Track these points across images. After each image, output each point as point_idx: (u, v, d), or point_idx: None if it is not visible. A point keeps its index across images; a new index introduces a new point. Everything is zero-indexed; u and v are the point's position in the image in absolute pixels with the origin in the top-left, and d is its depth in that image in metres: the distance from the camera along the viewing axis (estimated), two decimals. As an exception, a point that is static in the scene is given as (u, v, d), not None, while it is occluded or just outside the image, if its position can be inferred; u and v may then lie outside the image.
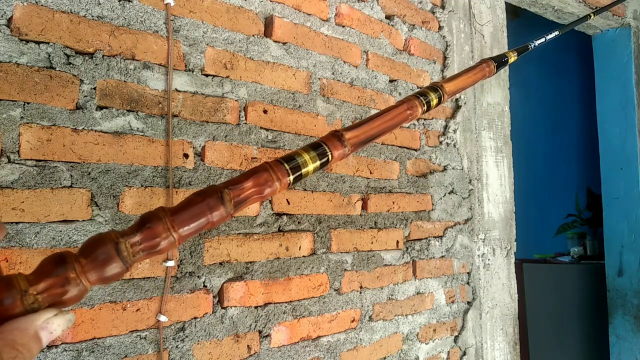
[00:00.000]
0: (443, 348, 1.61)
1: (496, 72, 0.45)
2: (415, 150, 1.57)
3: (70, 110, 0.90)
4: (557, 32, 0.52)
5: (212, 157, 1.08)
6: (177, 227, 0.29)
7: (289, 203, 1.21)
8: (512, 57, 0.47)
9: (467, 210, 1.72)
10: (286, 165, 0.35)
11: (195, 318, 1.03)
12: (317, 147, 0.37)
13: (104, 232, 0.28)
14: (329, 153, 0.37)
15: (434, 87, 0.44)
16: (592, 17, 0.65)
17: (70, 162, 0.90)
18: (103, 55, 0.94)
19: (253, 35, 1.18)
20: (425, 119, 1.61)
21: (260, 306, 1.14)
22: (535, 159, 3.58)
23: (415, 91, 0.41)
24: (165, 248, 0.29)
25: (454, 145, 1.70)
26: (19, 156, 0.84)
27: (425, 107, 0.40)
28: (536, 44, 0.51)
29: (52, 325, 0.25)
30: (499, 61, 0.45)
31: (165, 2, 1.03)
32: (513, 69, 2.00)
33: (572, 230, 3.35)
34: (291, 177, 0.35)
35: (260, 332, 1.14)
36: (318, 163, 0.36)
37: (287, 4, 1.25)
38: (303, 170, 0.35)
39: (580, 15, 2.31)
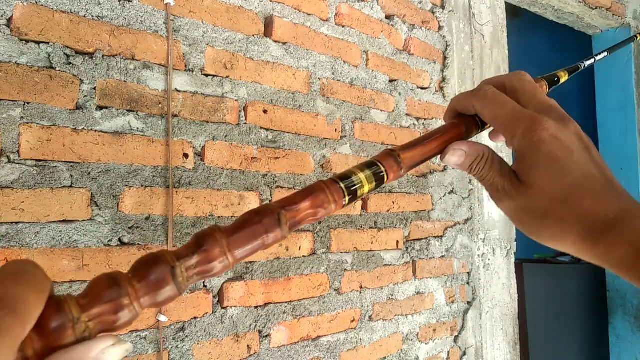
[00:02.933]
0: (443, 348, 1.61)
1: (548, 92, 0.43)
2: (415, 150, 1.57)
3: (70, 110, 0.90)
4: (605, 54, 0.51)
5: (212, 157, 1.08)
6: (232, 249, 0.28)
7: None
8: (564, 77, 0.44)
9: (467, 210, 1.72)
10: (342, 184, 0.33)
11: (195, 318, 1.03)
12: (373, 166, 0.35)
13: (158, 253, 0.26)
14: (385, 174, 0.35)
15: None
16: (638, 38, 0.63)
17: (70, 162, 0.90)
18: (103, 55, 0.94)
19: (253, 35, 1.18)
20: (425, 119, 1.61)
21: (260, 306, 1.14)
22: (535, 159, 3.57)
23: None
24: (218, 272, 0.28)
25: (454, 145, 1.69)
26: (19, 156, 0.84)
27: (480, 128, 0.39)
28: (586, 64, 0.48)
29: (108, 357, 0.23)
30: (551, 81, 0.43)
31: (165, 2, 1.03)
32: (513, 69, 2.00)
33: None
34: (347, 199, 0.33)
35: (260, 332, 1.14)
36: (374, 184, 0.34)
37: (287, 4, 1.25)
38: (359, 192, 0.34)
39: (580, 15, 2.32)
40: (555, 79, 0.43)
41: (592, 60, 0.51)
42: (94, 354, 0.23)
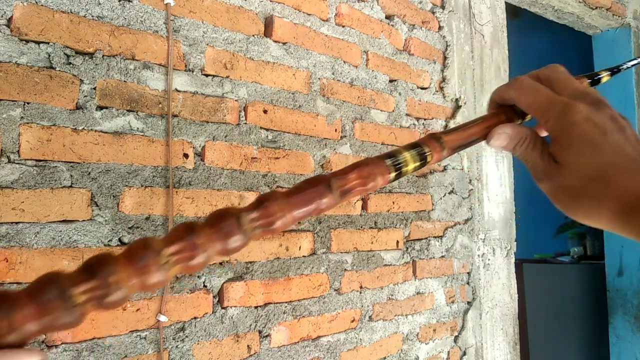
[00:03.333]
0: (443, 348, 1.61)
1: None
2: (415, 150, 1.57)
3: (70, 110, 0.90)
4: None
5: (212, 157, 1.08)
6: (291, 209, 0.31)
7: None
8: (605, 77, 0.46)
9: (467, 210, 1.72)
10: (388, 161, 0.35)
11: (195, 318, 1.03)
12: (417, 147, 0.37)
13: (226, 207, 0.30)
14: (429, 154, 0.37)
15: None
16: None
17: (70, 162, 0.90)
18: (103, 55, 0.94)
19: (253, 35, 1.18)
20: (425, 119, 1.61)
21: (260, 306, 1.14)
22: (535, 159, 3.57)
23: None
24: (279, 227, 0.31)
25: (454, 145, 1.69)
26: (19, 156, 0.84)
27: (520, 118, 0.41)
28: (629, 65, 0.49)
29: None
30: (592, 79, 0.45)
31: (165, 2, 1.03)
32: (513, 69, 2.00)
33: (572, 230, 3.35)
34: (392, 175, 0.35)
35: (260, 332, 1.14)
36: (418, 163, 0.36)
37: (287, 4, 1.25)
38: (403, 169, 0.36)
39: (580, 15, 2.32)
40: (596, 77, 0.45)
41: (635, 61, 0.51)
42: None
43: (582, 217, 0.34)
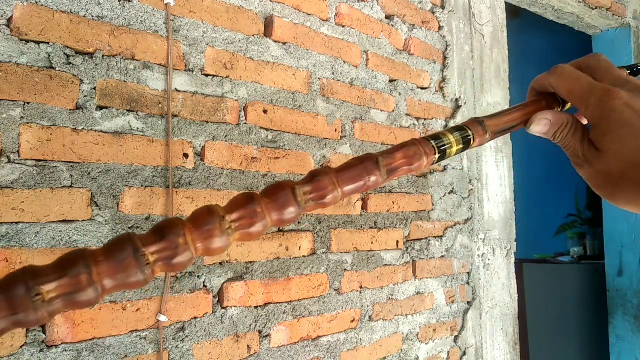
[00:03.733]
0: (443, 348, 1.61)
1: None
2: (415, 150, 1.57)
3: (70, 110, 0.90)
4: None
5: (212, 157, 1.08)
6: (341, 184, 0.32)
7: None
8: None
9: (467, 210, 1.72)
10: (433, 142, 0.36)
11: (195, 318, 1.03)
12: (461, 130, 0.38)
13: (282, 181, 0.31)
14: (472, 137, 0.38)
15: None
16: None
17: (70, 162, 0.90)
18: (103, 55, 0.94)
19: (253, 35, 1.18)
20: (425, 119, 1.61)
21: (260, 306, 1.14)
22: (535, 159, 3.58)
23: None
24: (330, 201, 0.32)
25: (454, 145, 1.69)
26: (19, 156, 0.84)
27: (561, 105, 0.41)
28: None
29: None
30: (631, 70, 0.45)
31: (165, 2, 1.03)
32: (513, 69, 2.00)
33: (572, 230, 3.35)
34: (437, 156, 0.36)
35: (260, 332, 1.14)
36: (462, 145, 0.37)
37: (287, 4, 1.25)
38: (448, 150, 0.36)
39: (580, 15, 2.32)
40: (635, 69, 0.45)
41: None
42: None
43: (623, 202, 0.34)
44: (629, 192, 0.33)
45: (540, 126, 0.39)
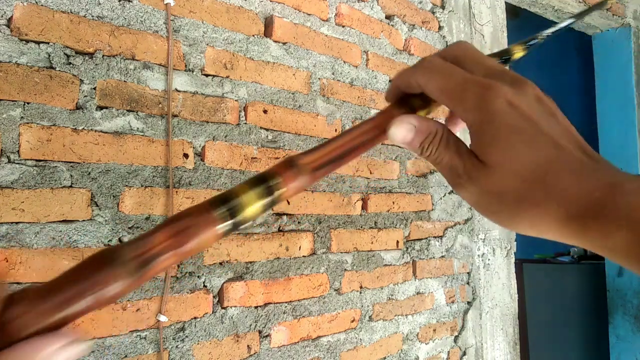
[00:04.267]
0: (443, 348, 1.61)
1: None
2: (415, 150, 1.57)
3: (70, 110, 0.90)
4: (570, 21, 0.38)
5: (212, 157, 1.08)
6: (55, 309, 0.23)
7: (288, 203, 1.21)
8: (519, 53, 0.36)
9: (467, 210, 1.72)
10: (217, 211, 0.26)
11: (195, 318, 1.03)
12: (262, 182, 0.28)
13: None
14: (277, 187, 0.28)
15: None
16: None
17: (70, 162, 0.90)
18: (103, 55, 0.94)
19: (253, 35, 1.18)
20: (425, 119, 1.61)
21: (260, 306, 1.14)
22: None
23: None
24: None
25: (454, 145, 1.69)
26: (19, 156, 0.84)
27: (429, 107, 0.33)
28: (546, 34, 0.38)
29: (61, 356, 0.21)
30: (502, 57, 0.36)
31: (165, 2, 1.03)
32: (512, 69, 2.00)
33: (572, 230, 3.34)
34: (225, 226, 0.26)
35: (260, 332, 1.14)
36: (263, 201, 0.27)
37: (287, 4, 1.25)
38: (240, 216, 0.27)
39: (580, 15, 2.31)
40: (506, 56, 0.36)
41: (553, 29, 0.40)
42: (47, 350, 0.21)
43: (527, 228, 0.27)
44: (533, 216, 0.26)
45: (402, 132, 0.30)
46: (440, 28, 1.70)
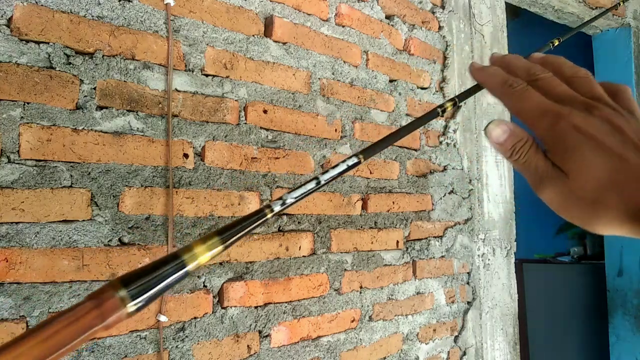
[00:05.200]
0: (443, 348, 1.61)
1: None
2: (415, 150, 1.57)
3: (70, 110, 0.90)
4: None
5: (212, 157, 1.08)
6: None
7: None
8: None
9: (467, 210, 1.72)
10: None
11: (195, 318, 1.03)
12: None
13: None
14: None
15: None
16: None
17: (70, 162, 0.90)
18: (103, 55, 0.94)
19: (253, 35, 1.18)
20: (425, 119, 1.61)
21: (260, 306, 1.14)
22: (535, 159, 3.57)
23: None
24: None
25: (454, 145, 1.70)
26: (19, 156, 0.84)
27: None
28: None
29: None
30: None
31: (165, 2, 1.03)
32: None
33: (573, 230, 3.35)
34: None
35: (260, 332, 1.14)
36: None
37: (287, 4, 1.25)
38: None
39: (580, 15, 2.32)
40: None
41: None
42: None
43: (602, 228, 0.32)
44: (608, 218, 0.31)
45: (497, 132, 0.35)
46: (440, 28, 1.70)
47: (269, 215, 0.32)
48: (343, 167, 0.35)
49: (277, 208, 0.32)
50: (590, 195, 0.31)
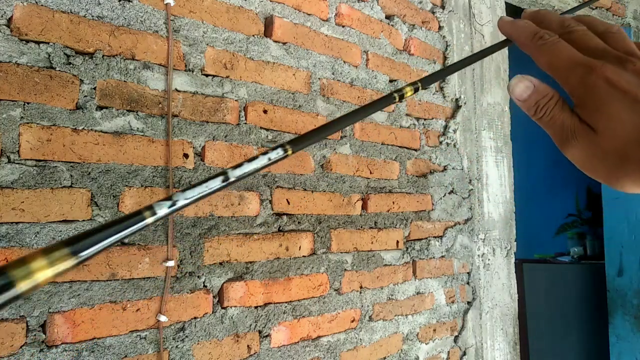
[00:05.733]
0: (443, 348, 1.61)
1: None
2: (415, 150, 1.57)
3: (70, 110, 0.90)
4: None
5: (212, 157, 1.08)
6: None
7: (289, 203, 1.21)
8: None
9: (467, 210, 1.72)
10: None
11: (195, 318, 1.03)
12: None
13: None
14: None
15: None
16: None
17: (70, 162, 0.90)
18: (103, 55, 0.94)
19: (253, 35, 1.18)
20: (425, 119, 1.61)
21: (260, 306, 1.14)
22: (535, 159, 3.58)
23: None
24: None
25: (454, 145, 1.70)
26: (19, 156, 0.84)
27: None
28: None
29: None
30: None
31: (165, 2, 1.03)
32: (513, 69, 2.00)
33: (572, 230, 3.35)
34: None
35: (260, 332, 1.14)
36: None
37: (287, 4, 1.25)
38: None
39: (580, 15, 2.31)
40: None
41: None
42: None
43: (629, 185, 0.31)
44: (637, 175, 0.30)
45: (520, 88, 0.34)
46: (440, 28, 1.70)
47: (150, 220, 0.24)
48: (263, 160, 0.29)
49: (162, 211, 0.25)
50: (619, 151, 0.30)
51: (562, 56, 0.33)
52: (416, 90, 0.36)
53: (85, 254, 0.22)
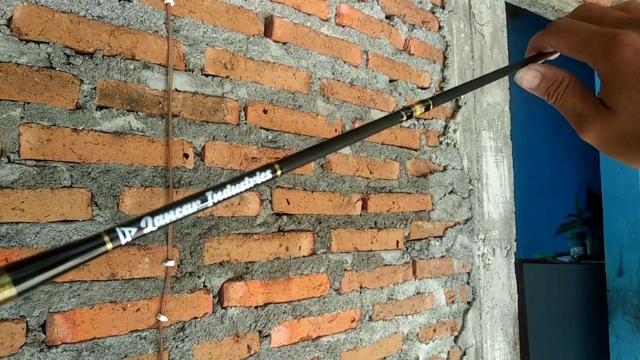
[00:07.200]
0: (443, 348, 1.61)
1: None
2: (415, 150, 1.57)
3: (70, 110, 0.90)
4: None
5: (212, 157, 1.08)
6: None
7: (289, 203, 1.21)
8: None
9: (467, 210, 1.72)
10: None
11: (195, 318, 1.03)
12: None
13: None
14: None
15: None
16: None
17: (70, 162, 0.90)
18: (103, 55, 0.95)
19: (253, 35, 1.18)
20: (425, 119, 1.61)
21: (260, 306, 1.14)
22: (535, 159, 3.58)
23: None
24: None
25: (454, 145, 1.70)
26: (19, 156, 0.84)
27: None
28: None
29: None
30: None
31: (165, 2, 1.03)
32: (513, 69, 2.00)
33: (572, 230, 3.35)
34: None
35: (260, 332, 1.14)
36: None
37: (287, 4, 1.25)
38: None
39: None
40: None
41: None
42: None
43: None
44: None
45: (528, 77, 0.33)
46: (440, 28, 1.70)
47: (110, 247, 0.22)
48: (249, 184, 0.26)
49: (125, 238, 0.22)
50: (636, 131, 0.29)
51: (580, 34, 0.31)
52: (427, 108, 0.34)
53: (28, 285, 0.19)
